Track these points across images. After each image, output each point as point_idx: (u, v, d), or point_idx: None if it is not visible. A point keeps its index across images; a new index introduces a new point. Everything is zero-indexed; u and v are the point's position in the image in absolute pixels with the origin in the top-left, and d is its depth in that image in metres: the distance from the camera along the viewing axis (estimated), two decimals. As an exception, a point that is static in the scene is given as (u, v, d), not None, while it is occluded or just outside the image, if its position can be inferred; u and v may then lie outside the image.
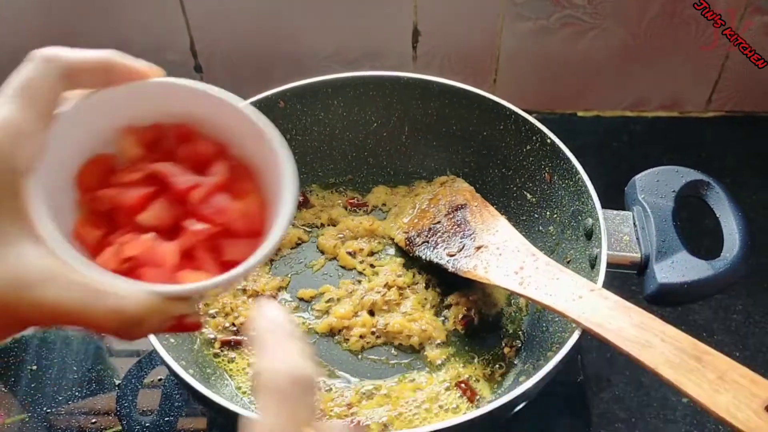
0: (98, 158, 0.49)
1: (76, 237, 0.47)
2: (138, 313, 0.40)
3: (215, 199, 0.49)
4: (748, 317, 0.89)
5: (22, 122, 0.41)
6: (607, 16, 1.02)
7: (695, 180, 0.77)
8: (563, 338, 0.68)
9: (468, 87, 0.88)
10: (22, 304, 0.38)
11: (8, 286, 0.38)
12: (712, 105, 1.13)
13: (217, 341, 0.80)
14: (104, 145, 0.49)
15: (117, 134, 0.49)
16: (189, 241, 0.47)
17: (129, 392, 0.82)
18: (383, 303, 0.83)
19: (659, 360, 0.58)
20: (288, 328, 0.40)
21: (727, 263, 0.70)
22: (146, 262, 0.45)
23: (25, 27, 1.06)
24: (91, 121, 0.48)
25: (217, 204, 0.48)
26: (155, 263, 0.46)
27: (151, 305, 0.41)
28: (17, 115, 0.41)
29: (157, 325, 0.42)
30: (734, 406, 0.54)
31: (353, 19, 1.05)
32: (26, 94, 0.42)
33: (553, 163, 0.83)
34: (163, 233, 0.47)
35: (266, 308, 0.41)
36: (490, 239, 0.80)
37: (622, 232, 0.75)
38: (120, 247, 0.46)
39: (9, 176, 0.40)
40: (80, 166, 0.48)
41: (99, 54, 0.45)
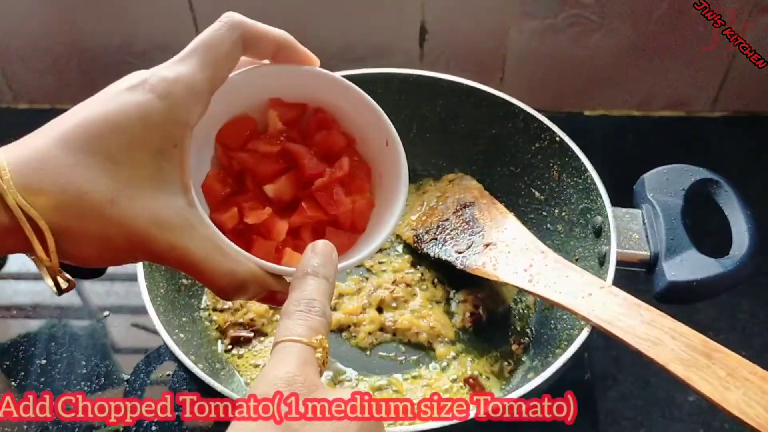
0: (241, 118, 0.53)
1: (205, 189, 0.51)
2: (245, 279, 0.46)
3: (334, 190, 0.53)
4: (754, 316, 0.90)
5: (199, 80, 0.45)
6: (615, 15, 1.02)
7: (704, 178, 0.77)
8: (572, 335, 0.68)
9: (477, 84, 0.88)
10: (158, 241, 0.43)
11: (153, 223, 0.43)
12: (719, 104, 1.13)
13: (227, 337, 0.80)
14: (251, 110, 0.53)
15: (264, 104, 0.53)
16: (300, 221, 0.52)
17: (137, 387, 0.83)
18: (392, 300, 0.83)
19: (670, 357, 0.59)
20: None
21: (736, 261, 0.70)
22: (259, 232, 0.50)
23: (32, 23, 1.06)
24: (249, 88, 0.52)
25: (333, 195, 0.53)
26: (267, 236, 0.50)
27: (256, 276, 0.47)
28: (196, 73, 0.45)
29: (254, 293, 0.48)
30: (744, 403, 0.54)
31: (360, 17, 1.05)
32: (207, 55, 0.46)
33: (561, 161, 0.83)
34: (278, 207, 0.52)
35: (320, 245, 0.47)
36: (499, 236, 0.80)
37: (632, 230, 0.75)
38: (242, 210, 0.50)
39: (177, 128, 0.44)
40: (225, 123, 0.52)
41: (278, 31, 0.50)
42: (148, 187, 0.43)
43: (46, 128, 0.44)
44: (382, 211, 0.55)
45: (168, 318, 0.72)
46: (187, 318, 0.78)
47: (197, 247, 0.44)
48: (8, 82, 1.12)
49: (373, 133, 0.55)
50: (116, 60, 1.09)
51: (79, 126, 0.43)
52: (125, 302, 0.92)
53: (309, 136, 0.55)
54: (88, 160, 0.42)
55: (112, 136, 0.42)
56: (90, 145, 0.42)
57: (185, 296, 0.81)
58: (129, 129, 0.43)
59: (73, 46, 1.08)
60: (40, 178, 0.41)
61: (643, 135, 1.12)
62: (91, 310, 0.93)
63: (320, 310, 0.44)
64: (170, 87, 0.44)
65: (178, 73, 0.45)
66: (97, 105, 0.44)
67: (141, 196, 0.43)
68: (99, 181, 0.42)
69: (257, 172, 0.52)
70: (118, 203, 0.42)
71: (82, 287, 0.95)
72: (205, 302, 0.83)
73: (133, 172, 0.43)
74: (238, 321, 0.81)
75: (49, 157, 0.41)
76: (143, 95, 0.44)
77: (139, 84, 0.44)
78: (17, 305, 0.92)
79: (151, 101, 0.44)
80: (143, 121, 0.43)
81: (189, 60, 0.46)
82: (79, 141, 0.42)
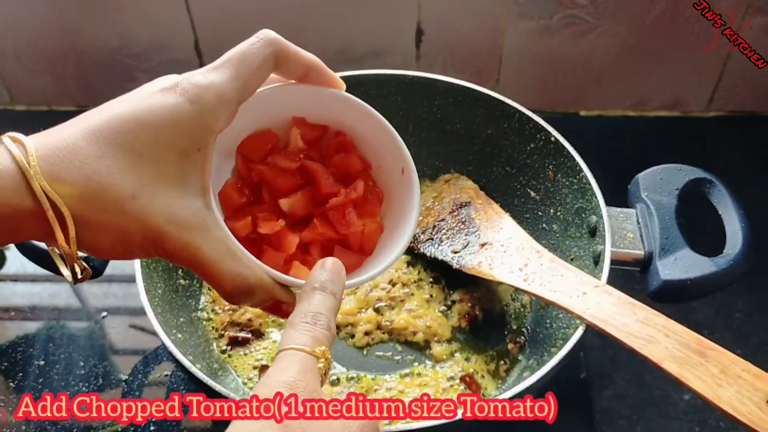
0: (264, 133, 0.54)
1: (222, 196, 0.53)
2: (253, 285, 0.47)
3: (347, 210, 0.55)
4: (750, 315, 0.90)
5: (229, 90, 0.47)
6: (610, 16, 1.03)
7: (698, 178, 0.78)
8: (567, 334, 0.69)
9: (472, 85, 0.88)
10: (173, 239, 0.44)
11: (170, 221, 0.44)
12: (714, 105, 1.13)
13: (225, 338, 0.81)
14: (274, 126, 0.55)
15: (287, 122, 0.55)
16: (310, 237, 0.53)
17: (135, 388, 0.83)
18: (388, 300, 0.83)
19: (663, 355, 0.59)
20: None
21: (730, 260, 0.71)
22: (270, 243, 0.51)
23: (30, 25, 1.06)
24: (275, 104, 0.53)
25: (346, 216, 0.54)
26: (278, 247, 0.52)
27: (264, 284, 0.48)
28: (227, 82, 0.47)
29: (260, 300, 0.49)
30: (737, 400, 0.54)
31: (357, 19, 1.06)
32: (240, 67, 0.48)
33: (557, 161, 0.83)
34: (290, 221, 0.53)
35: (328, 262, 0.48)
36: (495, 236, 0.80)
37: (626, 229, 0.76)
38: (256, 220, 0.51)
39: (204, 132, 0.46)
40: (248, 135, 0.53)
41: (309, 54, 0.52)
42: (169, 186, 0.44)
43: (76, 120, 0.45)
44: (390, 236, 0.57)
45: (166, 318, 0.72)
46: (184, 318, 0.79)
47: (210, 249, 0.45)
48: (6, 83, 1.13)
49: (390, 160, 0.57)
50: (114, 62, 1.10)
51: (109, 121, 0.44)
52: (123, 303, 0.93)
53: (328, 156, 0.56)
54: (115, 154, 0.43)
55: (141, 133, 0.44)
56: (117, 140, 0.43)
57: (183, 297, 0.81)
58: (158, 129, 0.44)
59: (70, 47, 1.09)
60: (66, 166, 0.42)
61: (639, 135, 1.12)
62: (88, 312, 0.93)
63: (325, 323, 0.45)
64: (201, 93, 0.46)
65: (210, 81, 0.47)
66: (128, 103, 0.45)
67: (161, 194, 0.44)
68: (123, 176, 0.43)
69: (274, 186, 0.53)
70: (138, 198, 0.43)
71: (80, 289, 0.95)
72: (203, 303, 0.84)
73: (156, 170, 0.44)
74: (236, 321, 0.81)
75: (76, 147, 0.43)
76: (175, 98, 0.45)
77: (171, 87, 0.46)
78: (15, 307, 0.93)
79: (181, 104, 0.45)
80: (172, 122, 0.45)
81: (222, 69, 0.48)
82: (108, 135, 0.43)
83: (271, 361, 0.77)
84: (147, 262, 0.74)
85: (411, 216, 0.56)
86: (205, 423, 0.80)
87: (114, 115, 0.44)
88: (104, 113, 0.45)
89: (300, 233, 0.54)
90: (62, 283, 0.95)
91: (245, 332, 0.81)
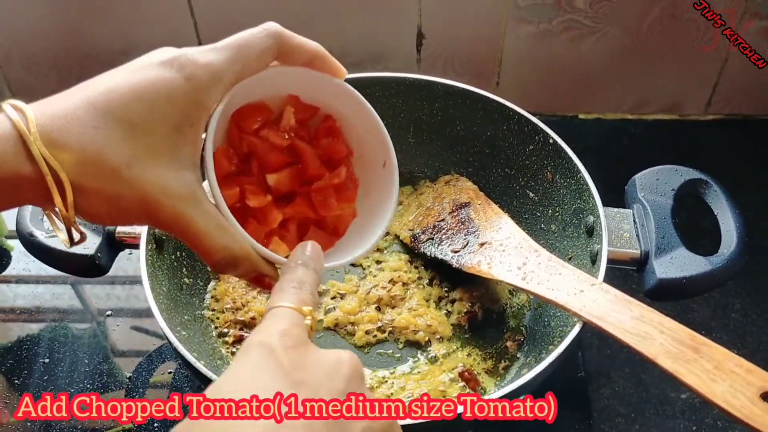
0: (260, 105, 0.56)
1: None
2: (239, 257, 0.49)
3: (328, 194, 0.56)
4: (746, 315, 0.91)
5: (225, 71, 0.48)
6: (608, 20, 1.04)
7: (694, 179, 0.79)
8: (565, 332, 0.69)
9: (472, 88, 0.89)
10: (165, 209, 0.46)
11: (163, 191, 0.45)
12: (711, 108, 1.14)
13: (231, 336, 0.81)
14: (270, 101, 0.56)
15: (282, 100, 0.56)
16: (290, 213, 0.55)
17: (139, 385, 0.84)
18: (389, 298, 0.84)
19: (658, 351, 0.60)
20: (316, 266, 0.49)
21: (725, 259, 0.72)
22: (255, 216, 0.53)
23: (33, 26, 1.07)
24: (274, 81, 0.54)
25: (326, 198, 0.56)
26: (261, 221, 0.53)
27: (250, 257, 0.50)
28: (224, 64, 0.48)
29: (244, 272, 0.51)
30: (730, 394, 0.55)
31: (358, 22, 1.07)
32: (239, 52, 0.49)
33: (555, 163, 0.84)
34: (273, 196, 0.55)
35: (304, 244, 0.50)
36: (494, 236, 0.81)
37: (623, 229, 0.77)
38: (244, 192, 0.52)
39: (197, 109, 0.47)
40: (244, 104, 0.55)
41: (312, 44, 0.53)
42: (162, 159, 0.46)
43: (75, 90, 0.46)
44: (366, 224, 0.59)
45: (170, 316, 0.73)
46: (189, 316, 0.80)
47: (200, 220, 0.47)
48: (9, 84, 1.13)
49: (373, 152, 0.59)
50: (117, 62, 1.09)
51: (106, 92, 0.45)
52: (125, 305, 0.93)
53: (316, 138, 0.58)
54: (111, 125, 0.44)
55: (137, 105, 0.45)
56: (114, 111, 0.45)
57: (187, 295, 0.82)
58: (153, 102, 0.45)
59: (73, 48, 1.09)
60: (64, 135, 0.43)
61: (637, 138, 1.13)
62: (91, 313, 0.94)
63: (310, 290, 0.47)
64: (198, 71, 0.47)
65: (208, 60, 0.48)
66: (125, 74, 0.47)
67: (155, 165, 0.45)
68: (118, 145, 0.44)
69: (264, 160, 0.54)
70: (133, 168, 0.45)
71: (82, 290, 0.96)
72: (207, 301, 0.85)
73: (150, 141, 0.45)
74: (240, 320, 0.82)
75: (74, 116, 0.44)
76: (171, 73, 0.46)
77: (168, 61, 0.47)
78: (19, 308, 0.94)
79: (177, 80, 0.46)
80: (167, 97, 0.46)
81: (222, 51, 0.49)
82: (104, 107, 0.45)
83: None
84: (152, 261, 0.74)
85: (389, 208, 0.58)
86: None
87: (111, 87, 0.45)
88: (102, 84, 0.46)
89: (283, 209, 0.55)
90: (66, 285, 0.96)
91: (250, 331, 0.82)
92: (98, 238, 0.76)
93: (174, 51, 0.48)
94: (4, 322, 0.93)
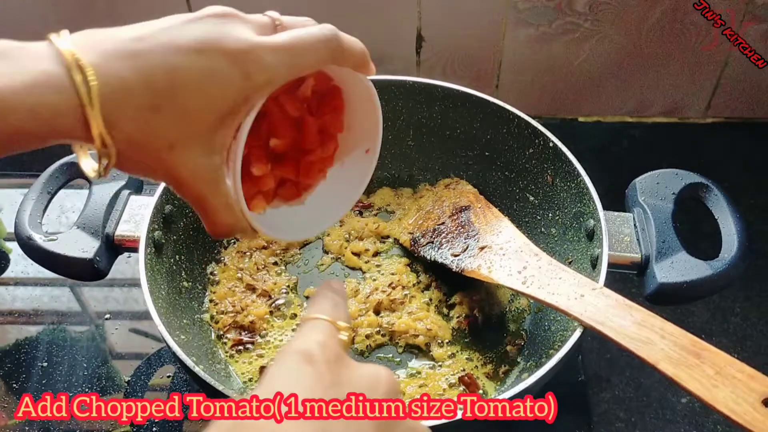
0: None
1: None
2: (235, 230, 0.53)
3: (316, 166, 0.60)
4: (746, 319, 0.91)
5: (280, 79, 0.50)
6: (608, 23, 1.04)
7: (694, 183, 0.79)
8: (565, 336, 0.69)
9: (472, 91, 0.89)
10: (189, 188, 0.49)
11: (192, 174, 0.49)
12: (711, 111, 1.14)
13: (230, 341, 0.81)
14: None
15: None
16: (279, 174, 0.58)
17: (138, 389, 0.84)
18: (388, 302, 0.84)
19: (659, 356, 0.60)
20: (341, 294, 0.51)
21: (725, 263, 0.72)
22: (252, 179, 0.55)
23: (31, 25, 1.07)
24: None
25: (311, 168, 0.59)
26: (256, 183, 0.56)
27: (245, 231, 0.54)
28: (281, 70, 0.50)
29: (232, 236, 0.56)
30: (732, 400, 0.55)
31: (358, 25, 1.06)
32: (296, 60, 0.51)
33: (555, 166, 0.84)
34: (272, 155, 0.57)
35: (331, 281, 0.52)
36: (494, 240, 0.81)
37: (623, 233, 0.77)
38: (249, 156, 0.55)
39: (244, 104, 0.49)
40: None
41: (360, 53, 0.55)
42: (200, 144, 0.48)
43: (137, 52, 0.47)
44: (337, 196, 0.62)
45: (169, 320, 0.73)
46: (187, 320, 0.79)
47: (214, 199, 0.50)
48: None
49: (361, 138, 0.61)
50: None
51: (170, 71, 0.46)
52: (124, 308, 0.93)
53: (319, 110, 0.59)
54: (166, 108, 0.46)
55: (195, 94, 0.47)
56: (171, 95, 0.46)
57: (186, 299, 0.82)
58: (211, 95, 0.47)
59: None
60: (122, 115, 0.45)
61: (637, 141, 1.13)
62: (90, 316, 0.93)
63: (344, 311, 0.49)
64: (257, 74, 0.48)
65: (267, 64, 0.49)
66: (189, 55, 0.47)
67: (192, 149, 0.48)
68: (167, 130, 0.46)
69: (275, 126, 0.56)
70: (173, 151, 0.47)
71: (81, 292, 0.96)
72: (206, 305, 0.84)
73: (196, 128, 0.47)
74: (239, 323, 0.82)
75: (133, 93, 0.45)
76: (232, 69, 0.48)
77: (233, 53, 0.48)
78: (17, 310, 0.93)
79: (236, 78, 0.48)
80: (222, 92, 0.47)
81: (282, 55, 0.49)
82: (164, 88, 0.46)
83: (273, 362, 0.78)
84: (151, 265, 0.74)
85: (358, 192, 0.61)
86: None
87: (174, 67, 0.46)
88: (166, 58, 0.47)
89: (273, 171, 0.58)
90: (64, 287, 0.96)
91: (250, 336, 0.82)
92: (97, 242, 0.76)
93: (241, 40, 0.48)
94: (2, 325, 0.92)
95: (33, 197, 0.79)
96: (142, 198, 0.81)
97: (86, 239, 0.76)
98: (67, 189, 0.82)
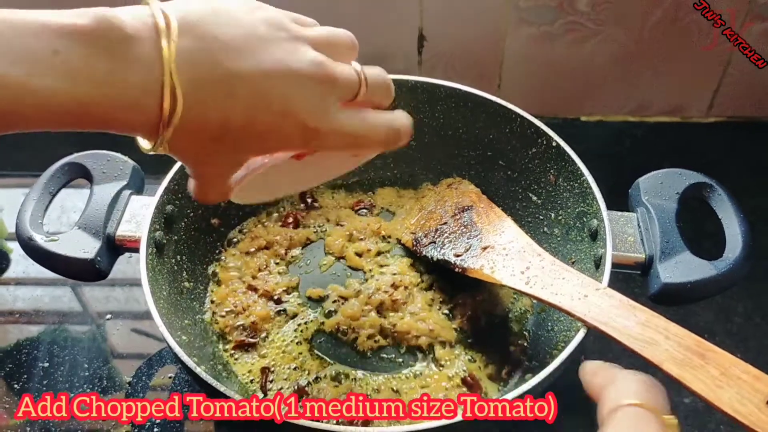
0: None
1: None
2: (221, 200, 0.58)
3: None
4: (749, 319, 0.91)
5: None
6: (610, 22, 1.03)
7: (698, 182, 0.79)
8: (569, 337, 0.69)
9: (474, 90, 0.89)
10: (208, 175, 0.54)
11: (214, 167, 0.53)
12: (714, 110, 1.14)
13: (232, 342, 0.81)
14: None
15: None
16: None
17: (139, 390, 0.84)
18: (391, 303, 0.83)
19: (664, 357, 0.59)
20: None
21: (730, 263, 0.71)
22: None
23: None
24: None
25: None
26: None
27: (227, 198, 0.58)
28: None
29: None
30: (737, 401, 0.54)
31: (360, 24, 1.06)
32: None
33: (558, 166, 0.84)
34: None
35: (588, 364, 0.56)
36: (497, 240, 0.81)
37: (627, 233, 0.77)
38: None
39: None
40: None
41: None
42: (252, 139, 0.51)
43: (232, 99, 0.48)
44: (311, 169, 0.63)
45: (170, 320, 0.72)
46: (189, 321, 0.79)
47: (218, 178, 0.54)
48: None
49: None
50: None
51: (249, 120, 0.49)
52: (125, 308, 0.93)
53: None
54: (228, 142, 0.49)
55: (257, 140, 0.51)
56: (239, 138, 0.49)
57: (187, 299, 0.81)
58: (269, 145, 0.52)
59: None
60: (199, 109, 0.47)
61: (640, 140, 1.13)
62: (91, 316, 0.93)
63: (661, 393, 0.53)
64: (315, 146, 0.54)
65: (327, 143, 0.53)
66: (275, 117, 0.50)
67: (240, 145, 0.51)
68: (227, 122, 0.48)
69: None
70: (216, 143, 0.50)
71: (82, 293, 0.96)
72: (207, 306, 0.84)
73: (241, 157, 0.53)
74: (240, 324, 0.82)
75: (213, 79, 0.47)
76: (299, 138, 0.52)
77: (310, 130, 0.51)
78: (19, 310, 0.93)
79: (297, 144, 0.53)
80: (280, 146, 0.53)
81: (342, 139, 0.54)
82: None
83: (273, 364, 0.77)
84: (152, 266, 0.74)
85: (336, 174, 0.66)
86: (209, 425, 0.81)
87: (254, 119, 0.49)
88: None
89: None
90: (65, 287, 0.96)
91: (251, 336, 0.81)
92: (98, 242, 0.75)
93: (322, 121, 0.52)
94: (4, 325, 0.92)
95: (34, 197, 0.79)
96: (144, 198, 0.80)
97: (87, 239, 0.75)
98: (68, 189, 0.82)
